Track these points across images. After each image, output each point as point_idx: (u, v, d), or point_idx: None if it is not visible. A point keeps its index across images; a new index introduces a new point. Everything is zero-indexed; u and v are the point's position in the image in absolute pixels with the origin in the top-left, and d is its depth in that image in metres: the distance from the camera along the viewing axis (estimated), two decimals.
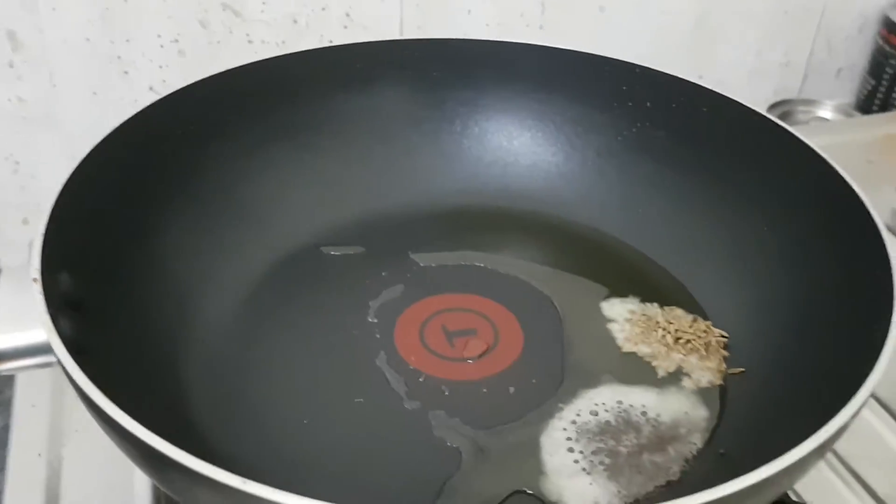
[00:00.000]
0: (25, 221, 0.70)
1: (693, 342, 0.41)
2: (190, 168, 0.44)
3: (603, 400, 0.38)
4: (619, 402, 0.38)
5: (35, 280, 0.31)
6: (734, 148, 0.47)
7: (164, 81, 0.66)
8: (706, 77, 0.81)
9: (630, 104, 0.49)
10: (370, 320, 0.43)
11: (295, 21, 0.66)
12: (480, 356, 0.41)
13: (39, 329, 0.31)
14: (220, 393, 0.39)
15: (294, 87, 0.49)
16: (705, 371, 0.40)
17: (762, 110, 0.46)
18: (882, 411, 0.46)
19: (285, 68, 0.48)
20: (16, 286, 0.34)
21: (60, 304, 0.33)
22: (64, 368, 0.30)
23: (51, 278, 0.33)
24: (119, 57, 0.64)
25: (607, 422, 0.37)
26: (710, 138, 0.47)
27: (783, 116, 0.79)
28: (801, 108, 0.80)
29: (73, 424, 0.43)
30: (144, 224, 0.41)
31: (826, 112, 0.79)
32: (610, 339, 0.42)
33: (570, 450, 0.36)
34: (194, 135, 0.44)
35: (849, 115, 0.78)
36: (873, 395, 0.45)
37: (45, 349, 0.32)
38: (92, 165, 0.38)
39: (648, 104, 0.49)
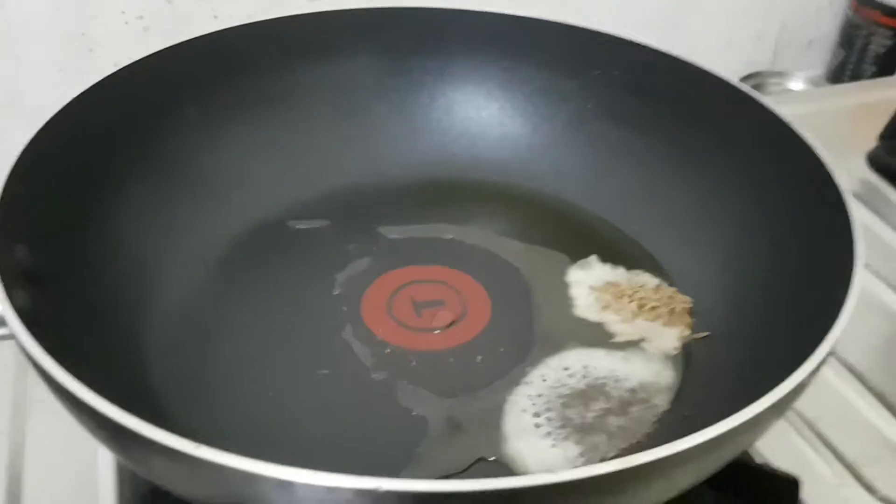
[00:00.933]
0: None
1: (658, 308, 0.41)
2: (150, 140, 0.44)
3: (568, 365, 0.38)
4: (585, 368, 0.38)
5: None
6: (704, 117, 0.47)
7: (130, 59, 0.64)
8: (677, 49, 0.81)
9: (598, 72, 0.49)
10: (336, 293, 0.43)
11: None
12: (448, 326, 0.41)
13: None
14: (182, 366, 0.38)
15: (255, 57, 0.48)
16: (670, 336, 0.40)
17: (724, 74, 0.46)
18: (852, 378, 0.46)
19: (246, 38, 0.47)
20: None
21: (16, 277, 0.32)
22: (18, 341, 0.30)
23: (6, 250, 0.32)
24: (83, 34, 0.63)
25: (573, 387, 0.37)
26: (679, 107, 0.47)
27: (755, 88, 0.78)
28: (772, 79, 0.80)
29: (36, 398, 0.42)
30: (102, 196, 0.40)
31: (797, 84, 0.79)
32: (576, 307, 0.42)
33: (536, 414, 0.36)
34: (153, 106, 0.44)
35: (819, 86, 0.78)
36: (844, 362, 0.46)
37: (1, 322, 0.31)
38: (48, 136, 0.37)
39: (616, 72, 0.49)
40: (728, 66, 0.83)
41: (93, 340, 0.36)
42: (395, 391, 0.38)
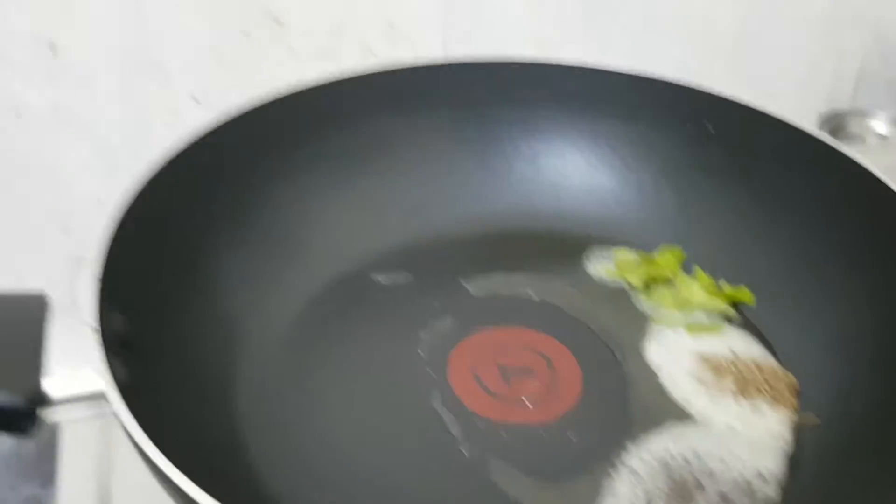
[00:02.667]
0: (64, 230, 0.69)
1: (762, 387, 0.39)
2: (237, 196, 0.43)
3: (668, 448, 0.37)
4: (685, 451, 0.37)
5: (93, 329, 0.30)
6: (799, 174, 0.45)
7: (203, 90, 0.64)
8: (755, 86, 0.79)
9: (688, 125, 0.48)
10: (421, 354, 0.42)
11: (336, 30, 0.64)
12: (538, 397, 0.40)
13: (92, 375, 0.30)
14: (270, 430, 0.38)
15: (339, 111, 0.47)
16: (774, 419, 0.38)
17: (818, 131, 0.45)
18: None
19: (329, 93, 0.47)
20: (66, 326, 0.33)
21: (114, 348, 0.32)
22: (120, 421, 0.29)
23: (104, 320, 0.32)
24: (158, 64, 0.63)
25: (674, 472, 0.36)
26: (772, 162, 0.46)
27: (835, 129, 0.76)
28: (853, 119, 0.77)
29: (122, 458, 0.42)
30: (193, 255, 0.40)
31: (879, 123, 0.76)
32: (674, 381, 0.41)
33: None
34: (241, 163, 0.43)
35: None
36: None
37: (97, 395, 0.31)
38: (141, 201, 0.37)
39: (707, 125, 0.47)
40: (806, 104, 0.81)
41: (184, 407, 0.35)
42: (488, 468, 0.37)
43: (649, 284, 0.45)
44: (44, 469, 0.47)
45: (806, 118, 0.79)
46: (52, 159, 0.65)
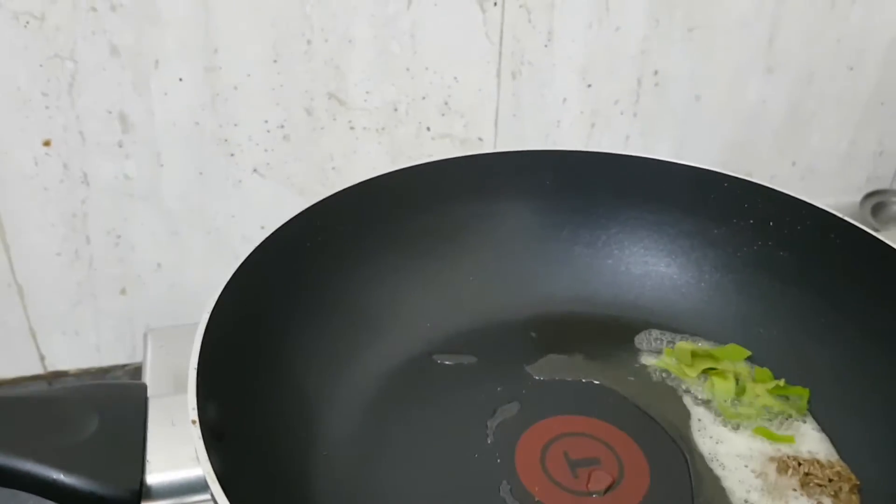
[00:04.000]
0: (123, 292, 0.71)
1: (824, 485, 0.40)
2: (315, 282, 0.45)
3: None
4: None
5: (194, 422, 0.32)
6: (863, 276, 0.46)
7: (267, 164, 0.67)
8: (798, 163, 0.81)
9: (751, 221, 0.49)
10: (489, 442, 0.43)
11: (395, 109, 0.67)
12: (607, 490, 0.40)
13: (190, 467, 0.32)
14: None
15: (409, 198, 0.49)
16: None
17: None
18: None
19: (404, 180, 0.49)
20: (165, 419, 0.34)
21: (211, 440, 0.33)
22: None
23: (203, 412, 0.33)
24: (226, 140, 0.65)
25: None
26: (835, 263, 0.47)
27: (877, 207, 0.78)
28: (895, 198, 0.79)
29: None
30: (274, 343, 0.41)
31: None
32: (740, 477, 0.41)
33: None
34: (319, 250, 0.45)
35: None
36: None
37: (197, 486, 0.32)
38: (228, 293, 0.38)
39: (770, 223, 0.48)
40: (848, 181, 0.82)
41: (267, 492, 0.36)
42: None
43: (707, 377, 0.46)
44: None
45: (848, 195, 0.81)
46: (118, 226, 0.68)
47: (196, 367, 0.34)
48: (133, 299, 0.71)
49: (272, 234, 0.42)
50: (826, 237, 0.47)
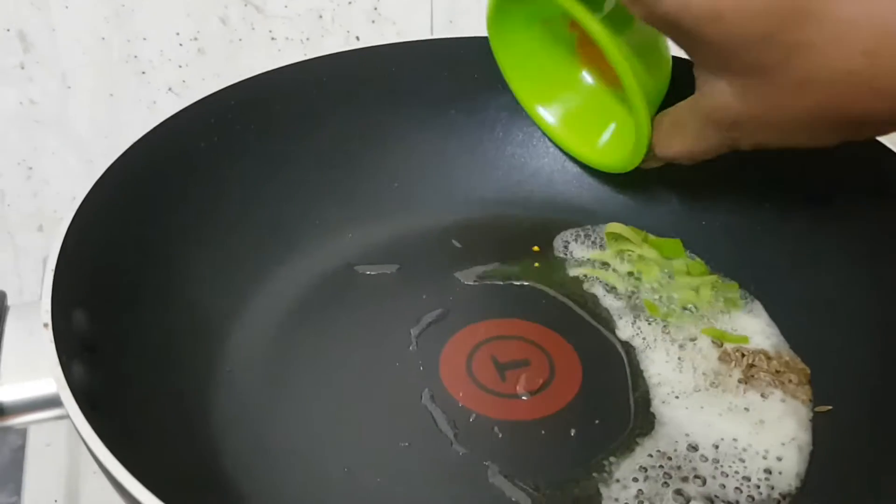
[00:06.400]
0: (40, 229, 0.67)
1: (773, 375, 0.37)
2: (210, 185, 0.41)
3: (675, 442, 0.35)
4: (692, 446, 0.34)
5: (46, 325, 0.28)
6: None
7: (183, 82, 0.62)
8: None
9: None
10: (412, 349, 0.39)
11: (320, 16, 0.62)
12: (535, 392, 0.37)
13: (48, 378, 0.28)
14: (250, 434, 0.35)
15: (319, 93, 0.45)
16: (788, 410, 0.36)
17: None
18: None
19: (310, 73, 0.44)
20: (26, 326, 0.30)
21: (74, 348, 0.29)
22: (77, 428, 0.27)
23: (63, 318, 0.29)
24: (135, 56, 0.61)
25: (680, 469, 0.34)
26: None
27: None
28: None
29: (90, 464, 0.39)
30: (163, 249, 0.37)
31: None
32: (680, 371, 0.38)
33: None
34: (213, 149, 0.41)
35: None
36: None
37: (55, 402, 0.28)
38: (106, 187, 0.34)
39: None
40: None
41: (154, 415, 0.33)
42: (482, 468, 0.34)
43: (637, 267, 0.43)
44: (15, 475, 0.45)
45: None
46: (29, 157, 0.63)
47: (54, 267, 0.30)
48: (51, 237, 0.66)
49: (159, 125, 0.38)
50: None
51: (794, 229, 0.42)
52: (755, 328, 0.40)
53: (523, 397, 0.37)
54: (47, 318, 0.28)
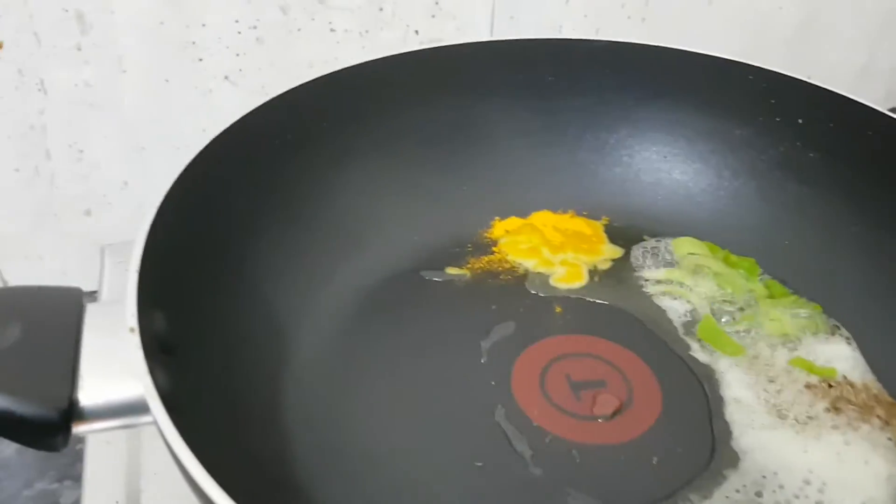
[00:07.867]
0: (88, 213, 0.66)
1: (860, 409, 0.35)
2: (283, 184, 0.39)
3: (761, 474, 0.33)
4: (778, 475, 0.33)
5: (132, 330, 0.27)
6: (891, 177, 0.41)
7: (240, 70, 0.61)
8: (813, 77, 0.75)
9: (777, 119, 0.44)
10: (483, 362, 0.38)
11: (381, 9, 0.60)
12: (613, 415, 0.36)
13: (131, 382, 0.27)
14: (320, 439, 0.34)
15: (390, 93, 0.43)
16: (877, 445, 0.34)
17: None
18: None
19: (381, 73, 0.43)
20: (106, 328, 0.29)
21: (156, 352, 0.28)
22: (163, 435, 0.26)
23: (146, 321, 0.28)
24: (193, 43, 0.59)
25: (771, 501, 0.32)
26: (870, 165, 0.41)
27: None
28: None
29: (151, 465, 0.38)
30: (237, 250, 0.36)
31: None
32: (763, 398, 0.37)
33: None
34: (287, 148, 0.40)
35: None
36: None
37: (139, 406, 0.27)
38: (180, 190, 0.33)
39: (800, 121, 0.43)
40: (865, 96, 0.77)
41: (228, 415, 0.32)
42: (560, 493, 0.33)
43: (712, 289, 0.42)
44: (60, 462, 0.44)
45: None
46: (80, 139, 0.62)
47: (138, 269, 0.29)
48: (99, 221, 0.66)
49: (233, 124, 0.37)
50: (862, 135, 0.41)
51: (884, 252, 0.40)
52: (839, 353, 0.39)
53: (599, 419, 0.36)
54: (133, 322, 0.27)
